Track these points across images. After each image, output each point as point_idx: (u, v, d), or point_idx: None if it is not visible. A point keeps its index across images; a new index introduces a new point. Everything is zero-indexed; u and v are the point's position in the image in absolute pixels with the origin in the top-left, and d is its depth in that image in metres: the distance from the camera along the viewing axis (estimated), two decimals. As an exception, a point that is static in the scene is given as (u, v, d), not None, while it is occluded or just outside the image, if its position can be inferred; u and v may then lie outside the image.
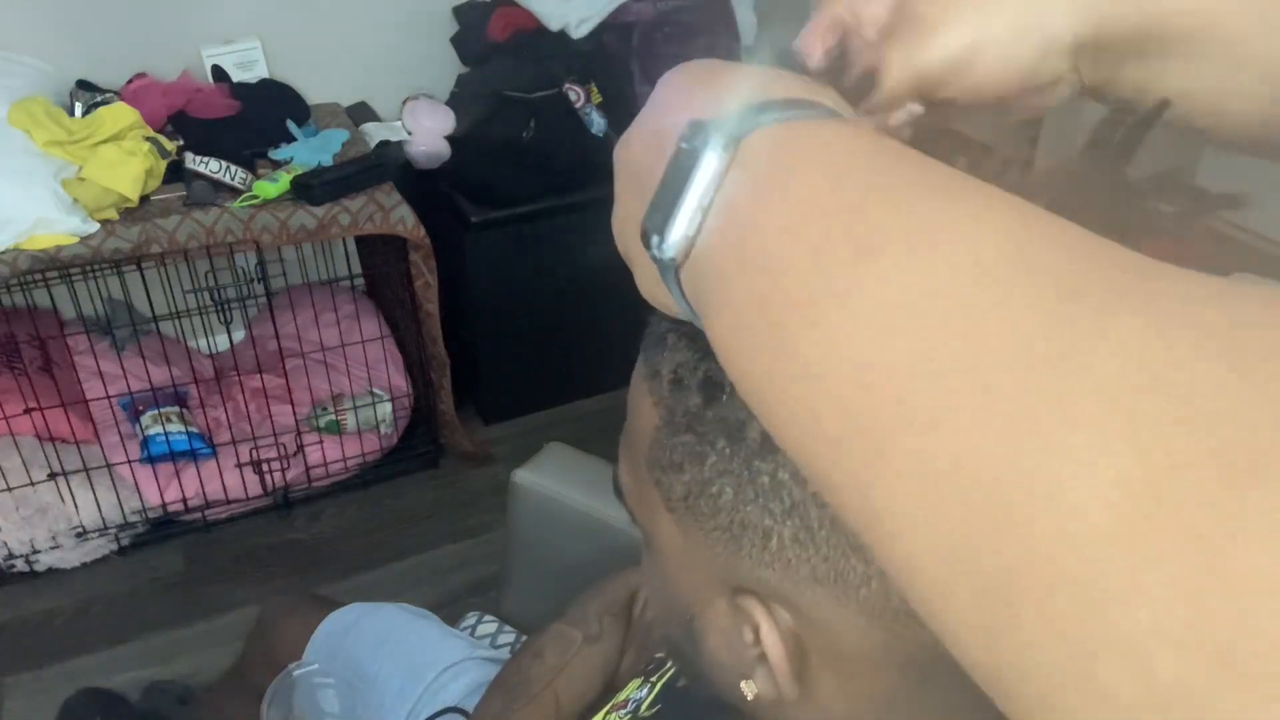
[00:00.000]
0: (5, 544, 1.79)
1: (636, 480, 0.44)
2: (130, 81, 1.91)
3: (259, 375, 2.06)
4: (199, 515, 1.94)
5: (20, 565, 1.82)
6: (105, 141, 1.65)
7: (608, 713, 0.68)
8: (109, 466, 1.84)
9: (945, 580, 0.21)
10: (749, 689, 0.43)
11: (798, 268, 0.26)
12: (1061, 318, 0.21)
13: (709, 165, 0.29)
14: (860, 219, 0.25)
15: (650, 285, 0.35)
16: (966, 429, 0.21)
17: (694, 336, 0.38)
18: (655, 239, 0.30)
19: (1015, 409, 0.20)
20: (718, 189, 0.29)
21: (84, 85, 1.85)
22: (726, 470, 0.38)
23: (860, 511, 0.24)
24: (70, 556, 1.85)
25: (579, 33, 2.09)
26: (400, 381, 2.12)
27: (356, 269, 2.22)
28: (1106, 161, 0.36)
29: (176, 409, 1.94)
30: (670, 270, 0.31)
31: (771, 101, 0.30)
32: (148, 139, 1.69)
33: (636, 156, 0.35)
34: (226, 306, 1.75)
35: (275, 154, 1.83)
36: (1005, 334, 0.21)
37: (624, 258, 0.38)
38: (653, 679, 0.66)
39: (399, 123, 2.00)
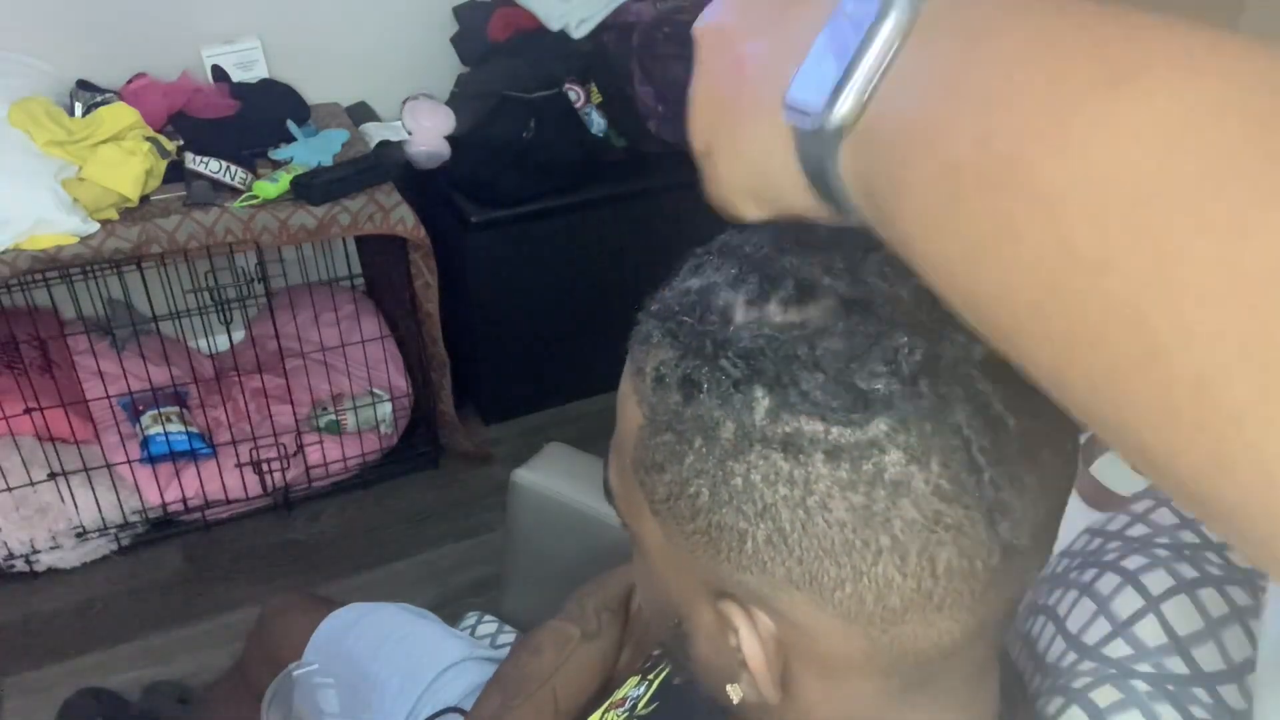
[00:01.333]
0: (5, 544, 1.79)
1: (624, 482, 0.43)
2: (130, 81, 1.91)
3: (259, 375, 2.06)
4: (199, 515, 1.94)
5: (20, 565, 1.82)
6: (105, 141, 1.65)
7: (605, 710, 0.68)
8: (109, 466, 1.84)
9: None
10: (734, 693, 0.43)
11: (1034, 95, 0.25)
12: None
13: (887, 28, 0.28)
14: (1104, 45, 0.25)
15: (743, 177, 0.34)
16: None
17: (677, 334, 0.38)
18: (821, 107, 0.29)
19: None
20: (897, 51, 0.29)
21: (84, 85, 1.85)
22: (702, 470, 0.37)
23: (1141, 332, 0.22)
24: (70, 556, 1.85)
25: (579, 33, 2.09)
26: (400, 381, 2.12)
27: (356, 269, 2.22)
28: None
29: (176, 409, 1.94)
30: (833, 142, 0.30)
31: None
32: (148, 139, 1.69)
33: (746, 25, 0.34)
34: (226, 306, 1.74)
35: (275, 154, 1.83)
36: None
37: (700, 152, 0.37)
38: (650, 676, 0.66)
39: (399, 123, 2.00)
